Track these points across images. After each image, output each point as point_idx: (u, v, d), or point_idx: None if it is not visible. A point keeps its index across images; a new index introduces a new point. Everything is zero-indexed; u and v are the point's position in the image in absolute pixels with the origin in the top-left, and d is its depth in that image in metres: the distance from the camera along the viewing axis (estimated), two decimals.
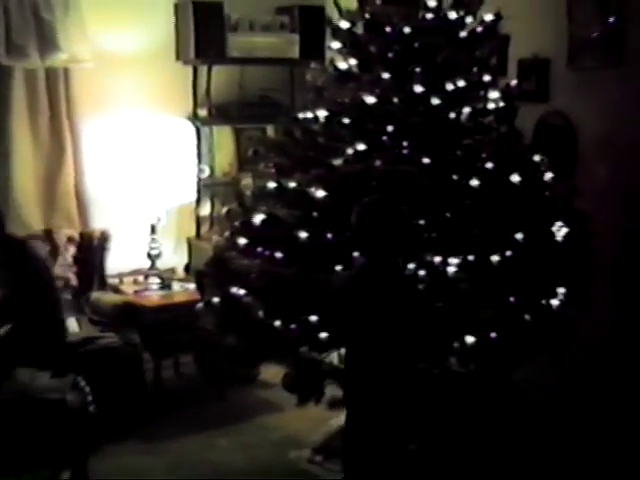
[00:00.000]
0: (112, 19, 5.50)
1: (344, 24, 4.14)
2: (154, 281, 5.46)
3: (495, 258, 3.80)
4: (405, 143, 3.98)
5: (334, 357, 4.09)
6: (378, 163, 3.86)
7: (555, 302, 3.98)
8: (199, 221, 5.97)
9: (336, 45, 4.18)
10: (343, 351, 3.97)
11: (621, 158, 4.46)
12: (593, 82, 4.58)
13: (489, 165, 3.93)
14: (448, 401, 3.72)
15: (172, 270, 5.68)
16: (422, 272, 3.76)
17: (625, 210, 4.42)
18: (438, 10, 4.08)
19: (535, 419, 4.23)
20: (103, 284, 5.42)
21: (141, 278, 5.55)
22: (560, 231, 4.04)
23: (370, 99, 3.94)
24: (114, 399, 4.62)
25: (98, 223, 5.58)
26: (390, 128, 3.97)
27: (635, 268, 4.34)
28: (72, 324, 4.99)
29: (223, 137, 6.04)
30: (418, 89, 3.92)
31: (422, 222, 3.83)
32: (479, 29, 4.13)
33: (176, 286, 5.42)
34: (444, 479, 3.95)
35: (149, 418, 4.91)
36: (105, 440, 4.49)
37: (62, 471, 3.95)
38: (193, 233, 5.97)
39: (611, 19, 4.45)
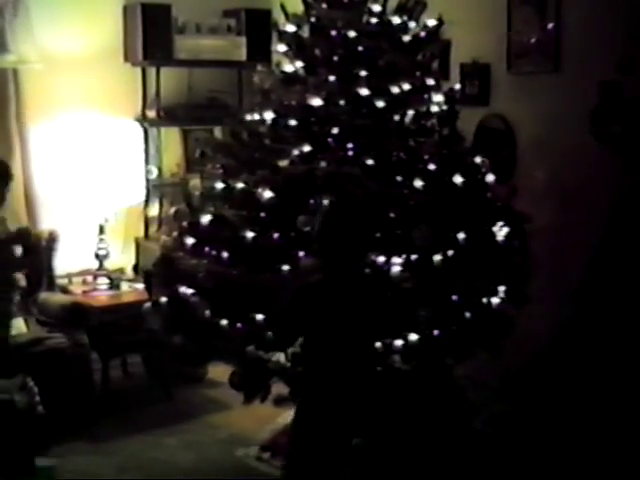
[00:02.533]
0: (61, 20, 5.51)
1: (290, 27, 4.20)
2: (103, 281, 5.47)
3: (437, 258, 3.89)
4: (350, 145, 4.05)
5: (280, 355, 4.14)
6: (323, 164, 3.93)
7: (495, 300, 4.09)
8: (147, 221, 5.99)
9: (282, 48, 4.24)
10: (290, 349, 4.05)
11: (558, 160, 4.58)
12: (532, 86, 4.71)
13: (432, 167, 4.02)
14: (391, 397, 3.79)
15: (121, 270, 5.70)
16: (366, 271, 3.83)
17: (561, 210, 4.54)
18: (382, 15, 4.16)
19: (474, 414, 4.32)
20: (51, 284, 5.41)
21: (90, 278, 5.55)
22: (501, 231, 4.15)
23: (316, 101, 4.00)
24: (62, 400, 4.63)
25: (46, 224, 5.56)
26: (335, 130, 4.04)
27: (571, 266, 4.45)
28: (20, 325, 5.00)
29: (171, 138, 6.06)
30: (363, 92, 4.00)
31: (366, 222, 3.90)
32: (422, 34, 4.22)
33: (125, 286, 5.44)
34: (388, 474, 4.02)
35: (97, 418, 4.91)
36: (53, 441, 4.51)
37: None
38: (141, 233, 5.99)
39: (549, 25, 4.58)
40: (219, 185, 4.09)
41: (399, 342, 3.82)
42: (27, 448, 4.06)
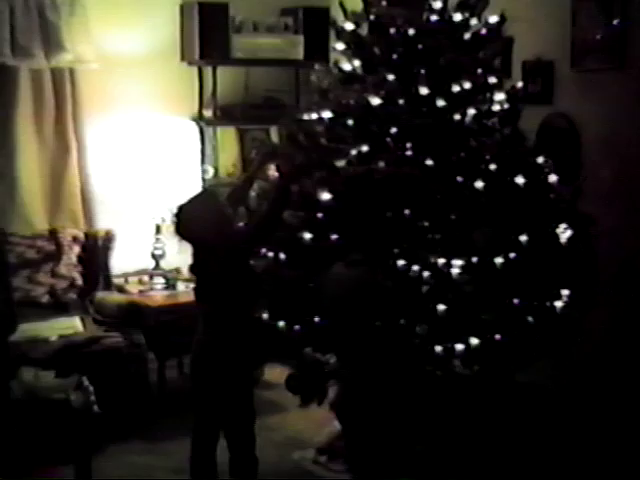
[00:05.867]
0: (117, 20, 5.52)
1: (349, 25, 4.16)
2: (159, 281, 5.47)
3: (499, 260, 3.81)
4: (409, 145, 3.99)
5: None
6: (381, 165, 3.87)
7: (559, 304, 4.00)
8: None
9: (341, 46, 4.20)
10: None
11: (625, 160, 4.48)
12: (597, 84, 4.60)
13: (493, 167, 3.94)
14: (453, 403, 3.72)
15: (177, 270, 5.68)
16: (426, 274, 3.77)
17: (629, 212, 4.43)
18: (443, 12, 4.09)
19: (537, 421, 4.24)
20: (108, 284, 5.43)
21: (146, 278, 5.55)
22: (564, 233, 4.05)
23: (375, 101, 3.95)
24: (118, 399, 4.64)
25: (103, 223, 5.58)
26: (394, 130, 3.98)
27: (639, 270, 4.34)
28: (76, 324, 5.02)
29: (227, 138, 6.04)
30: (423, 91, 3.93)
31: (426, 224, 3.85)
32: (483, 31, 4.14)
33: (181, 286, 5.43)
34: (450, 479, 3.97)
35: (152, 418, 4.92)
36: (109, 440, 4.51)
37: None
38: None
39: (615, 21, 4.47)
40: None
41: (460, 346, 3.75)
42: (83, 447, 4.04)
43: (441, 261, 3.76)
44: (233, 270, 3.57)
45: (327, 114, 4.08)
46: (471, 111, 4.02)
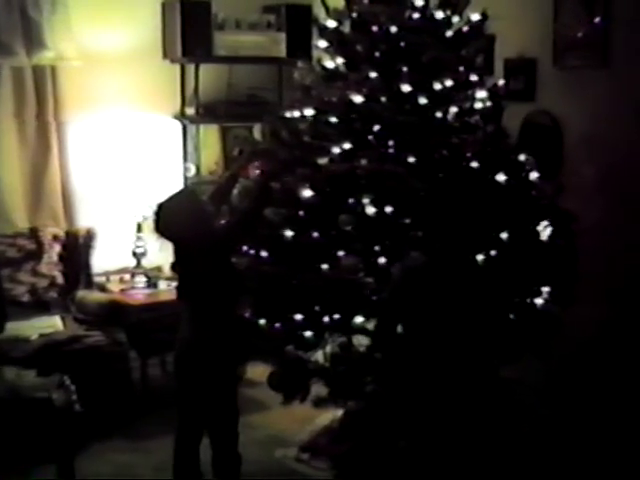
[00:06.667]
0: (99, 17, 5.49)
1: (331, 23, 4.16)
2: (140, 280, 5.45)
3: (480, 257, 3.81)
4: (391, 142, 3.98)
5: (319, 356, 4.10)
6: (364, 162, 3.87)
7: (539, 301, 4.00)
8: None
9: (323, 44, 4.20)
10: (328, 350, 4.01)
11: (606, 157, 4.48)
12: (579, 82, 4.61)
13: (475, 164, 3.94)
14: (437, 399, 3.72)
15: (158, 268, 5.67)
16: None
17: (610, 209, 4.44)
18: (425, 9, 4.09)
19: (522, 417, 4.25)
20: (89, 282, 5.41)
21: (127, 276, 5.53)
22: (545, 230, 4.06)
23: (357, 98, 3.94)
24: (100, 398, 4.62)
25: (84, 221, 5.56)
26: (376, 127, 3.97)
27: (620, 266, 4.36)
28: (57, 323, 4.99)
29: (209, 136, 6.03)
30: (405, 88, 3.93)
31: (407, 221, 3.85)
32: (465, 29, 4.14)
33: (162, 285, 5.41)
34: (433, 476, 3.96)
35: (135, 417, 4.91)
36: (91, 439, 4.50)
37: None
38: None
39: (597, 19, 4.48)
40: None
41: None
42: (65, 446, 4.03)
43: None
44: (214, 268, 3.56)
45: (310, 111, 4.08)
46: (453, 109, 4.03)
